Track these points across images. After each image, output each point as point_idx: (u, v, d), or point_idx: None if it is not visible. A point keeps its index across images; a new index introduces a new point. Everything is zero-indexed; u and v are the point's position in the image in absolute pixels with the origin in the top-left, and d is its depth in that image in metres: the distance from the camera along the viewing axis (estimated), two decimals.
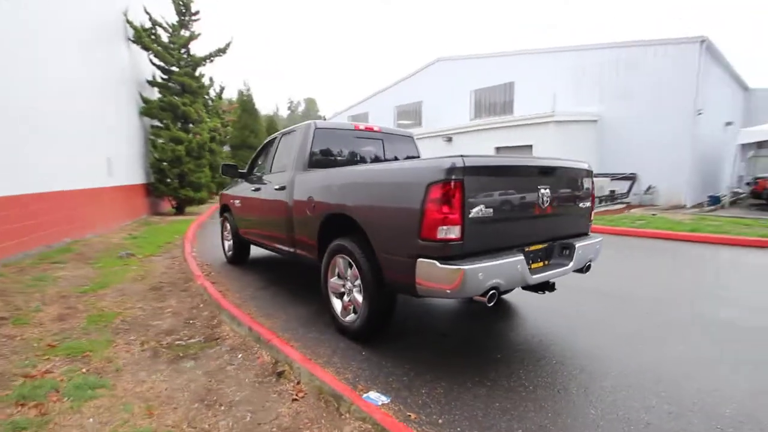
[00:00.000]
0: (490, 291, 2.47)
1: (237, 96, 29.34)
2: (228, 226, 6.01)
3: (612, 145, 14.57)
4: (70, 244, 6.65)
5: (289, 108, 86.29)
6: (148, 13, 10.70)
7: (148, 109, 10.85)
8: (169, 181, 11.24)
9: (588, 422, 2.14)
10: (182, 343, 3.14)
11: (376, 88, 24.80)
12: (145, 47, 10.46)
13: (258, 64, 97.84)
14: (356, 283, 3.12)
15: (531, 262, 2.77)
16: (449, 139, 16.49)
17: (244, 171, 5.50)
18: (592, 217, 3.50)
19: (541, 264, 2.94)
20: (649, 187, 13.91)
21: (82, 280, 4.78)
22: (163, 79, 11.47)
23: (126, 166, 9.68)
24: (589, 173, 3.43)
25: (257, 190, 4.87)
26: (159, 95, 11.35)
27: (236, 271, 5.56)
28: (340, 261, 3.27)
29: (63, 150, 6.93)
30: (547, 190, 2.88)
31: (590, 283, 4.19)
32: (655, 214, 10.37)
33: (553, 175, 2.98)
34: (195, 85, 11.73)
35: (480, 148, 15.57)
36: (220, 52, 11.73)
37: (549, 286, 3.13)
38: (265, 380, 2.55)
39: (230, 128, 19.67)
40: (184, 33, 11.54)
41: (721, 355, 2.93)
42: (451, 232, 2.39)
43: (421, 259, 2.46)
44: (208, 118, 13.54)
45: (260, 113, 30.10)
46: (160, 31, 11.11)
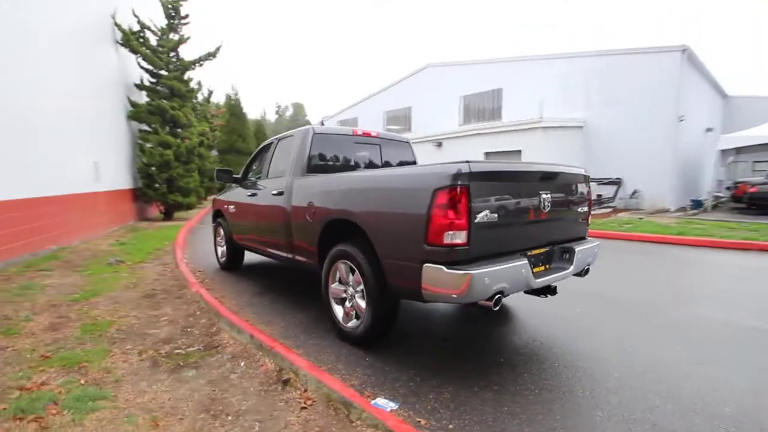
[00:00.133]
0: (496, 295, 2.49)
1: (225, 100, 29.15)
2: (221, 231, 5.93)
3: (598, 150, 14.87)
4: (56, 251, 6.47)
5: (277, 112, 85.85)
6: (137, 16, 10.56)
7: (136, 113, 10.68)
8: (158, 186, 11.06)
9: (596, 424, 2.17)
10: (181, 352, 3.08)
11: (366, 94, 24.89)
12: (134, 50, 10.31)
13: (245, 68, 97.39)
14: (359, 289, 3.11)
15: (533, 266, 2.80)
16: (439, 144, 16.61)
17: (239, 176, 5.45)
18: (589, 221, 3.57)
19: (543, 268, 2.98)
20: (635, 192, 14.23)
21: (72, 288, 4.65)
22: (151, 82, 11.31)
23: (113, 171, 9.49)
24: (586, 178, 3.49)
25: (253, 195, 4.82)
26: (147, 99, 11.18)
27: (230, 277, 5.49)
28: (342, 267, 3.25)
29: (49, 154, 6.75)
30: (548, 195, 2.93)
31: (586, 287, 4.25)
32: (641, 218, 10.61)
33: (553, 180, 3.03)
34: (184, 89, 11.59)
35: (469, 153, 15.72)
36: (210, 56, 11.63)
37: (551, 289, 3.17)
38: (271, 388, 2.52)
39: (218, 132, 19.48)
40: (173, 36, 11.41)
41: (717, 356, 3.00)
42: (458, 237, 2.40)
43: (428, 265, 2.47)
44: (197, 123, 13.39)
45: (248, 118, 29.94)
46: (149, 34, 10.97)
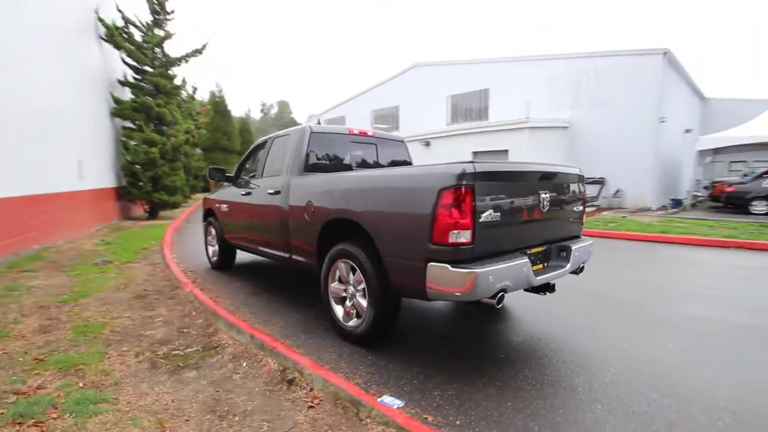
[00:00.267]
0: (499, 293, 2.53)
1: (209, 97, 28.66)
2: (213, 231, 5.85)
3: (582, 150, 15.18)
4: (39, 251, 6.28)
5: (262, 110, 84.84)
6: (121, 11, 10.29)
7: (120, 110, 10.41)
8: (142, 184, 10.81)
9: (597, 417, 2.23)
10: (180, 353, 3.03)
11: (353, 93, 24.83)
12: (118, 46, 10.04)
13: (229, 66, 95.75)
14: (359, 288, 3.12)
15: (533, 265, 2.86)
16: (427, 144, 16.70)
17: (231, 175, 5.38)
18: (583, 220, 3.65)
19: (541, 266, 3.04)
20: (617, 191, 14.59)
21: (59, 289, 4.53)
22: (135, 79, 11.03)
23: (97, 169, 9.24)
24: (581, 178, 3.57)
25: (248, 194, 4.77)
26: (131, 96, 10.91)
27: (223, 277, 5.42)
28: (342, 266, 3.25)
29: (30, 152, 6.54)
30: (547, 195, 2.99)
31: (576, 284, 4.35)
32: (625, 217, 10.89)
33: (551, 180, 3.09)
34: (169, 86, 11.36)
35: (457, 153, 15.83)
36: (197, 52, 11.42)
37: (550, 287, 3.24)
38: (276, 388, 2.51)
39: (203, 130, 19.16)
40: (159, 32, 11.16)
41: (706, 351, 3.11)
42: (462, 237, 2.43)
43: (432, 263, 2.50)
44: (182, 120, 13.15)
45: (233, 115, 29.51)
46: (133, 29, 10.69)
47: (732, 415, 2.23)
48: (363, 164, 4.55)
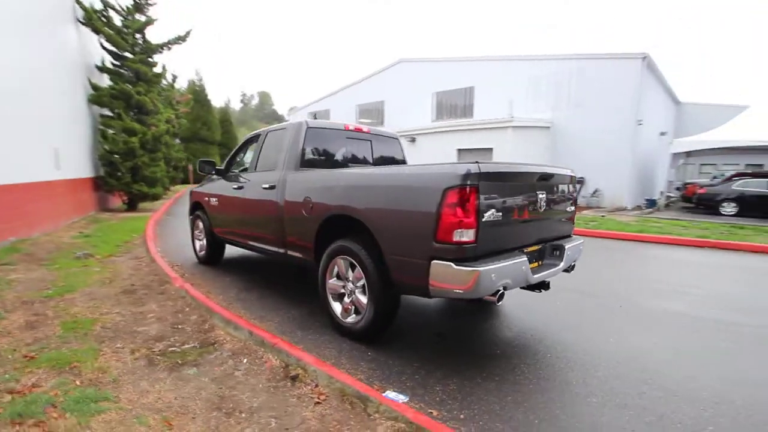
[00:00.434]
0: (500, 290, 2.61)
1: (188, 86, 27.86)
2: (200, 225, 5.74)
3: (562, 150, 15.56)
4: (15, 243, 6.02)
5: (242, 101, 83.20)
6: None
7: (98, 97, 10.02)
8: (121, 174, 10.46)
9: (593, 409, 2.33)
10: (177, 350, 2.99)
11: (338, 86, 24.61)
12: (96, 30, 9.64)
13: (209, 54, 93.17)
14: (359, 285, 3.14)
15: (529, 263, 2.95)
16: (413, 140, 16.76)
17: (221, 168, 5.29)
18: (574, 220, 3.77)
19: (536, 264, 3.13)
20: (596, 191, 15.04)
21: (41, 284, 4.37)
22: (114, 65, 10.63)
23: (73, 158, 8.89)
24: (573, 179, 3.69)
25: (240, 188, 4.71)
26: (110, 82, 10.51)
27: (211, 272, 5.33)
28: (341, 262, 3.26)
29: (3, 139, 6.23)
30: (544, 195, 3.09)
31: (563, 282, 4.49)
32: (604, 216, 11.25)
33: (549, 180, 3.18)
34: (150, 74, 11.00)
35: (443, 150, 15.99)
36: (180, 39, 11.07)
37: (545, 284, 3.34)
38: (280, 384, 2.51)
39: (184, 120, 18.66)
40: (140, 17, 10.77)
41: (688, 346, 3.29)
42: (466, 235, 2.49)
43: (436, 261, 2.54)
44: (163, 109, 12.77)
45: (213, 105, 28.82)
46: (113, 13, 10.29)
47: (715, 406, 2.38)
48: (358, 160, 4.55)
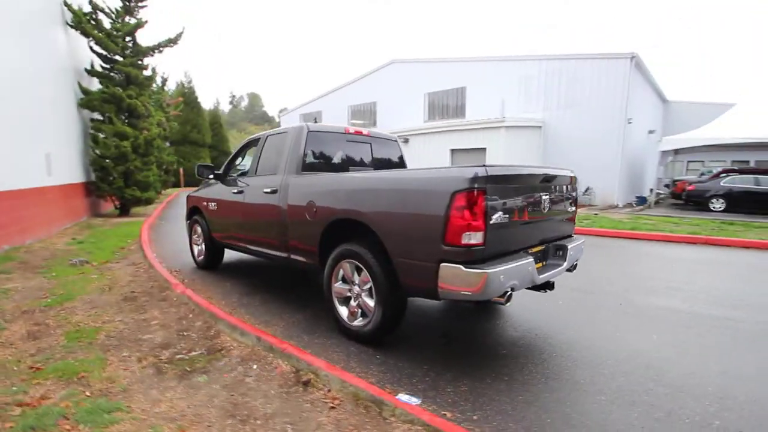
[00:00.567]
0: (508, 292, 2.64)
1: (176, 88, 27.55)
2: (198, 230, 5.70)
3: (554, 149, 15.73)
4: (9, 251, 5.91)
5: (231, 102, 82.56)
6: None
7: (88, 101, 9.86)
8: (113, 179, 10.32)
9: (603, 407, 2.38)
10: (184, 357, 2.97)
11: (329, 87, 24.58)
12: (86, 33, 9.49)
13: (196, 55, 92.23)
14: (365, 288, 3.15)
15: (535, 263, 2.99)
16: (406, 141, 16.79)
17: (220, 172, 5.27)
18: (575, 220, 3.83)
19: (540, 265, 3.18)
20: (587, 189, 15.22)
21: (40, 292, 4.30)
22: (104, 68, 10.48)
23: (65, 163, 8.74)
24: (573, 180, 3.74)
25: (240, 193, 4.69)
26: (100, 86, 10.36)
27: (211, 277, 5.30)
28: (347, 266, 3.27)
29: None
30: (548, 196, 3.13)
31: (563, 281, 4.54)
32: (597, 214, 11.40)
33: (552, 182, 3.23)
34: (141, 77, 10.87)
35: (436, 150, 16.07)
36: (171, 42, 10.95)
37: (550, 284, 3.38)
38: (292, 390, 2.51)
39: (175, 123, 18.47)
40: (130, 20, 10.63)
41: (687, 342, 3.35)
42: (475, 238, 2.52)
43: (445, 264, 2.57)
44: (154, 112, 12.63)
45: (202, 107, 28.56)
46: (102, 16, 10.14)
47: (720, 402, 2.44)
48: (359, 163, 4.56)
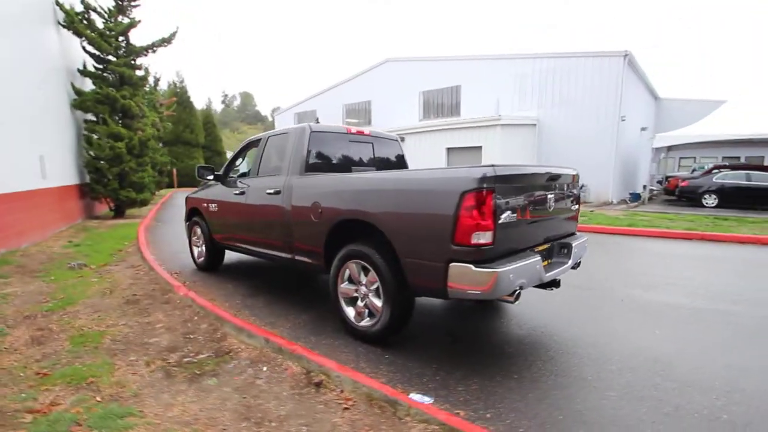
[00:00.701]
0: (516, 290, 2.66)
1: (168, 88, 27.32)
2: (198, 231, 5.66)
3: (548, 146, 15.83)
4: (5, 255, 5.83)
5: (223, 102, 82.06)
6: None
7: (81, 102, 9.74)
8: (108, 181, 10.20)
9: (612, 402, 2.41)
10: (192, 360, 2.95)
11: (323, 86, 24.52)
12: (78, 33, 9.36)
13: (187, 53, 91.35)
14: (372, 288, 3.16)
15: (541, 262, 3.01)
16: (402, 139, 16.75)
17: (220, 173, 5.24)
18: (578, 218, 3.86)
19: (546, 263, 3.20)
20: (582, 186, 15.28)
21: (40, 297, 4.25)
22: (97, 68, 10.35)
23: (59, 165, 8.63)
24: (576, 178, 3.77)
25: (241, 194, 4.67)
26: (93, 87, 10.23)
27: (212, 278, 5.27)
28: (354, 266, 3.27)
29: None
30: (553, 195, 3.16)
31: (564, 278, 4.56)
32: (593, 211, 11.50)
33: (557, 180, 3.26)
34: (135, 77, 10.75)
35: (431, 149, 16.11)
36: (165, 41, 10.84)
37: (556, 282, 3.41)
38: (304, 391, 2.51)
39: (168, 123, 18.30)
40: (123, 19, 10.51)
41: (690, 337, 3.40)
42: (484, 237, 2.53)
43: (455, 264, 2.58)
44: (148, 112, 12.51)
45: (195, 107, 28.35)
46: (95, 16, 10.01)
47: (727, 395, 2.48)
48: (361, 163, 4.56)
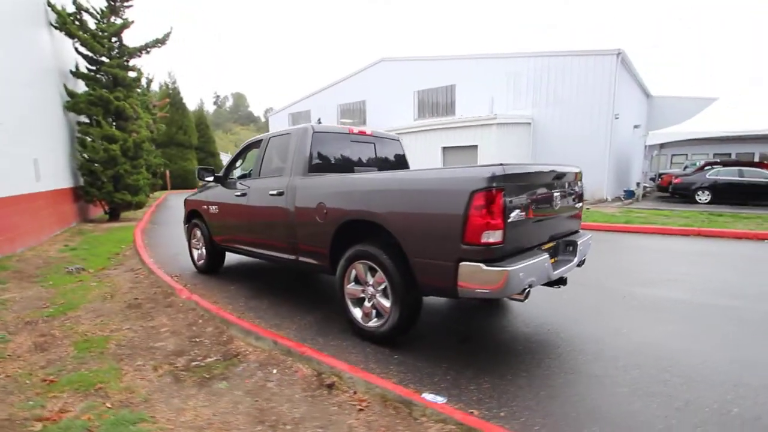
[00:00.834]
0: (526, 288, 2.67)
1: (160, 89, 27.06)
2: (198, 233, 5.62)
3: (543, 145, 15.93)
4: (1, 260, 5.74)
5: (216, 103, 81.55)
6: None
7: (75, 104, 9.61)
8: (102, 183, 10.08)
9: (624, 398, 2.42)
10: (200, 364, 2.93)
11: (317, 86, 24.43)
12: (70, 34, 9.24)
13: (179, 54, 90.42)
14: (380, 288, 3.15)
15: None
16: None
17: (220, 175, 5.20)
18: (581, 216, 3.89)
19: (553, 261, 3.22)
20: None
21: (40, 302, 4.19)
22: (90, 70, 10.23)
23: (52, 168, 8.51)
24: (579, 176, 3.80)
25: (243, 195, 4.64)
26: (86, 88, 10.10)
27: (213, 281, 5.23)
28: (360, 267, 3.27)
29: None
30: (558, 193, 3.18)
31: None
32: (588, 208, 11.59)
33: (562, 179, 3.28)
34: (129, 78, 10.63)
35: (427, 148, 16.12)
36: (158, 42, 10.72)
37: (563, 280, 3.43)
38: (316, 393, 2.50)
39: (162, 125, 18.13)
40: (115, 20, 10.38)
41: (694, 332, 3.44)
42: (494, 236, 2.54)
43: (465, 263, 2.58)
44: (142, 114, 12.38)
45: (188, 108, 28.12)
46: (87, 17, 9.89)
47: (734, 389, 2.51)
48: (363, 163, 4.55)
